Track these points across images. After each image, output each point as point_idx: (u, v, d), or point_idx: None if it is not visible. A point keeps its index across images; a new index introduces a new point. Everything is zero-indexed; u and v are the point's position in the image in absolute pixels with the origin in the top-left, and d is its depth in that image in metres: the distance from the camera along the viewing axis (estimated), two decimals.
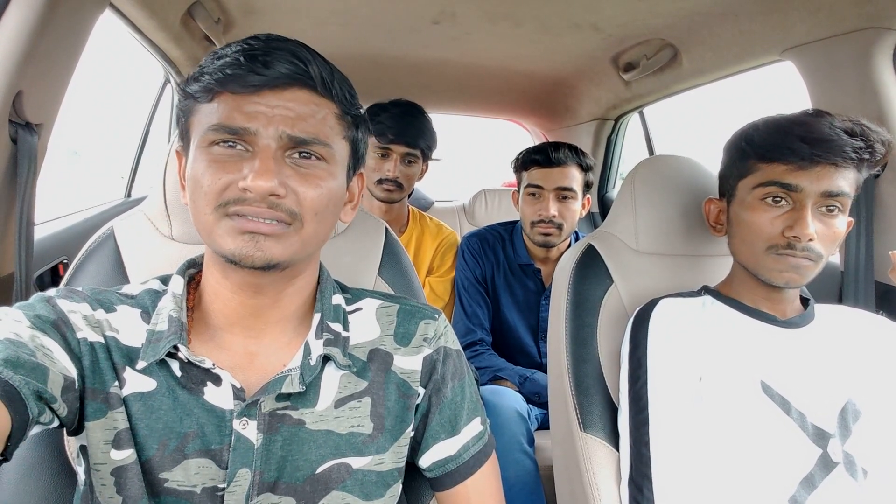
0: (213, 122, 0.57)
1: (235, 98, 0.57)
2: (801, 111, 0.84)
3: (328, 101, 0.61)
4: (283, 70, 0.57)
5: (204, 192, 0.57)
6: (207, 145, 0.58)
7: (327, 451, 0.63)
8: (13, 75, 0.89)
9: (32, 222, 0.99)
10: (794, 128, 0.81)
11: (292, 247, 0.59)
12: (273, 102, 0.57)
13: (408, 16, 1.61)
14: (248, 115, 0.57)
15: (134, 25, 1.41)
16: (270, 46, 0.58)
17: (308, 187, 0.59)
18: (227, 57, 0.57)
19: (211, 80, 0.57)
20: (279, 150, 0.58)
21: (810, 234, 0.79)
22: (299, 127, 0.58)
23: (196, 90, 0.58)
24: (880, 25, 1.13)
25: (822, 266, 0.83)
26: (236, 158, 0.57)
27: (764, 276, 0.85)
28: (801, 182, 0.80)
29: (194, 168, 0.58)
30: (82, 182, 3.39)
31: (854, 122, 0.79)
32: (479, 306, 1.66)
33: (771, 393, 0.82)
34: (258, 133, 0.57)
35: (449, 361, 0.72)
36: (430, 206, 2.51)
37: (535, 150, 1.61)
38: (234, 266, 0.59)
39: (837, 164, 0.78)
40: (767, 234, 0.83)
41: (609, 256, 1.05)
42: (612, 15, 1.54)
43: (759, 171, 0.84)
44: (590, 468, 0.91)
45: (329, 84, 0.60)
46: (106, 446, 0.58)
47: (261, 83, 0.56)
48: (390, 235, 0.94)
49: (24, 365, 0.50)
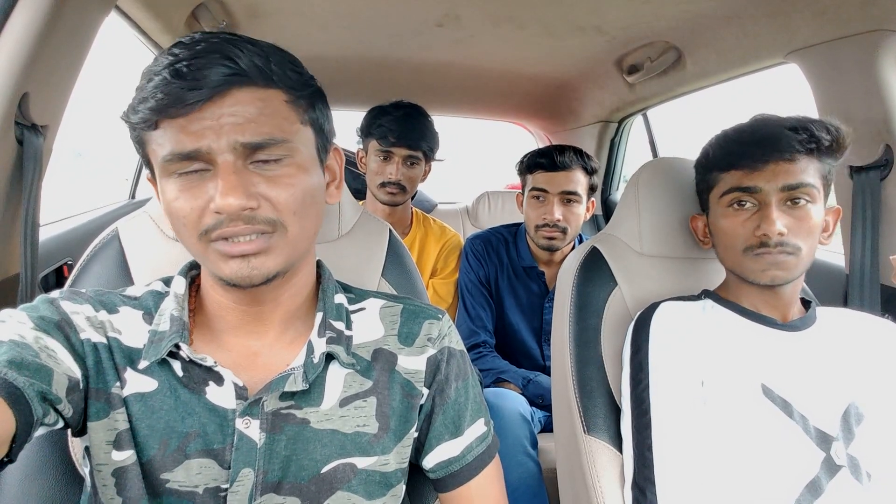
0: (165, 152, 0.55)
1: (178, 121, 0.54)
2: (749, 118, 0.89)
3: (273, 89, 0.57)
4: (215, 77, 0.53)
5: (183, 223, 0.56)
6: (168, 175, 0.56)
7: (333, 451, 0.63)
8: (19, 77, 0.89)
9: (38, 224, 0.99)
10: (742, 135, 0.88)
11: (283, 253, 0.58)
12: (217, 113, 0.54)
13: (411, 18, 1.61)
14: (196, 135, 0.54)
15: (139, 28, 1.41)
16: (195, 54, 0.54)
17: (280, 190, 0.57)
18: (157, 76, 0.53)
19: (146, 111, 0.54)
20: (239, 161, 0.55)
21: (777, 229, 0.82)
22: (250, 130, 0.55)
23: (137, 121, 0.55)
24: (886, 28, 1.12)
25: (807, 259, 0.85)
26: (200, 181, 0.55)
27: (749, 278, 0.87)
28: (758, 182, 0.84)
29: (166, 199, 0.57)
30: (87, 184, 3.40)
31: (798, 118, 0.85)
32: (482, 308, 1.66)
33: (772, 396, 0.82)
34: (211, 150, 0.54)
35: (453, 362, 0.72)
36: (433, 209, 2.51)
37: (540, 154, 1.61)
38: (234, 287, 0.59)
39: (788, 159, 0.83)
40: (741, 237, 0.86)
41: (613, 259, 1.05)
42: (615, 17, 1.54)
43: (721, 180, 0.90)
44: (593, 471, 0.90)
45: (268, 72, 0.56)
46: (107, 447, 0.58)
47: (197, 98, 0.53)
48: (394, 237, 0.94)
49: (28, 366, 0.50)
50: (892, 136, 1.15)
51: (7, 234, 0.97)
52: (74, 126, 1.13)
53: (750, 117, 0.89)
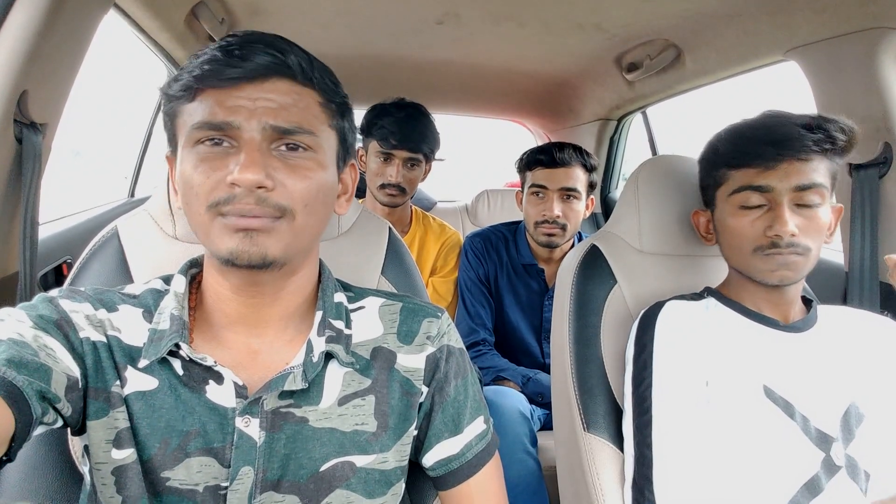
0: (196, 120, 0.57)
1: (216, 93, 0.57)
2: (760, 114, 0.87)
3: (309, 89, 0.61)
4: (261, 61, 0.57)
5: (195, 192, 0.57)
6: (193, 145, 0.58)
7: (331, 449, 0.63)
8: (18, 75, 0.89)
9: (37, 222, 0.99)
10: (755, 132, 0.85)
11: (284, 239, 0.58)
12: (254, 95, 0.57)
13: (412, 17, 1.61)
14: (230, 110, 0.56)
15: (138, 26, 1.41)
16: (247, 41, 0.58)
17: (296, 179, 0.58)
18: (206, 55, 0.57)
19: (190, 78, 0.57)
20: (264, 142, 0.57)
21: (790, 230, 0.81)
22: (282, 117, 0.57)
23: (177, 90, 0.58)
24: (885, 25, 1.12)
25: (814, 259, 0.84)
26: (223, 155, 0.57)
27: (757, 278, 0.86)
28: (771, 182, 0.83)
29: (183, 169, 0.58)
30: (86, 182, 3.40)
31: (812, 116, 0.82)
32: (482, 306, 1.66)
33: (774, 397, 0.82)
34: (241, 126, 0.56)
35: (452, 360, 0.72)
36: (432, 207, 2.51)
37: (540, 151, 1.61)
38: (232, 267, 0.59)
39: (802, 159, 0.81)
40: (751, 237, 0.85)
41: (612, 257, 1.05)
42: (615, 15, 1.54)
43: (731, 178, 0.88)
44: (593, 468, 0.90)
45: (309, 72, 0.60)
46: (107, 445, 0.58)
47: (239, 76, 0.56)
48: (394, 235, 0.94)
49: (27, 365, 0.50)
50: (891, 134, 1.15)
51: (6, 232, 0.97)
52: (73, 125, 1.13)
53: (760, 113, 0.87)
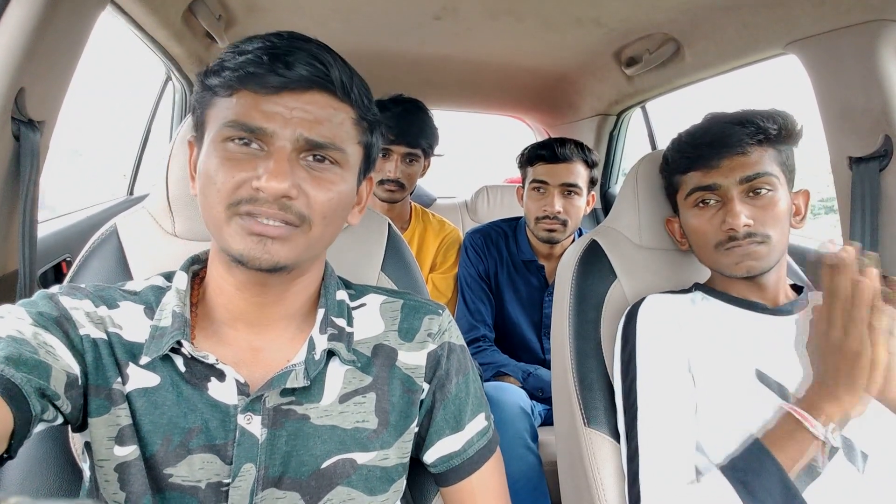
0: (230, 118, 0.57)
1: (254, 96, 0.57)
2: (702, 119, 0.93)
3: (347, 105, 0.61)
4: (304, 72, 0.57)
5: (217, 188, 0.57)
6: (222, 140, 0.58)
7: (332, 447, 0.63)
8: (15, 72, 0.89)
9: (35, 220, 0.99)
10: (695, 137, 0.91)
11: (298, 248, 0.59)
12: (292, 104, 0.57)
13: (409, 12, 1.60)
14: (267, 115, 0.56)
15: (135, 23, 1.40)
16: (293, 46, 0.57)
17: (320, 191, 0.59)
18: (249, 53, 0.57)
19: (231, 77, 0.57)
20: (294, 152, 0.58)
21: (742, 221, 0.84)
22: (317, 131, 0.58)
23: (215, 84, 0.58)
24: (885, 18, 1.12)
25: (779, 246, 0.87)
26: (250, 157, 0.57)
27: (726, 272, 0.89)
28: (716, 180, 0.87)
29: (207, 163, 0.58)
30: (84, 180, 3.39)
31: (745, 111, 0.87)
32: (482, 303, 1.66)
33: (767, 381, 0.83)
34: (275, 134, 0.57)
35: (453, 357, 0.72)
36: (432, 203, 2.51)
37: (541, 146, 1.61)
38: (240, 266, 0.59)
39: (740, 153, 0.86)
40: (710, 234, 0.89)
41: (612, 252, 1.05)
42: (614, 10, 1.53)
43: (684, 183, 0.93)
44: (594, 463, 0.91)
45: (349, 89, 0.60)
46: (109, 442, 0.58)
47: (281, 84, 0.56)
48: (393, 231, 0.94)
49: (26, 362, 0.50)
50: (891, 127, 1.14)
51: (5, 230, 0.97)
52: (74, 124, 1.13)
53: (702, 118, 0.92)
